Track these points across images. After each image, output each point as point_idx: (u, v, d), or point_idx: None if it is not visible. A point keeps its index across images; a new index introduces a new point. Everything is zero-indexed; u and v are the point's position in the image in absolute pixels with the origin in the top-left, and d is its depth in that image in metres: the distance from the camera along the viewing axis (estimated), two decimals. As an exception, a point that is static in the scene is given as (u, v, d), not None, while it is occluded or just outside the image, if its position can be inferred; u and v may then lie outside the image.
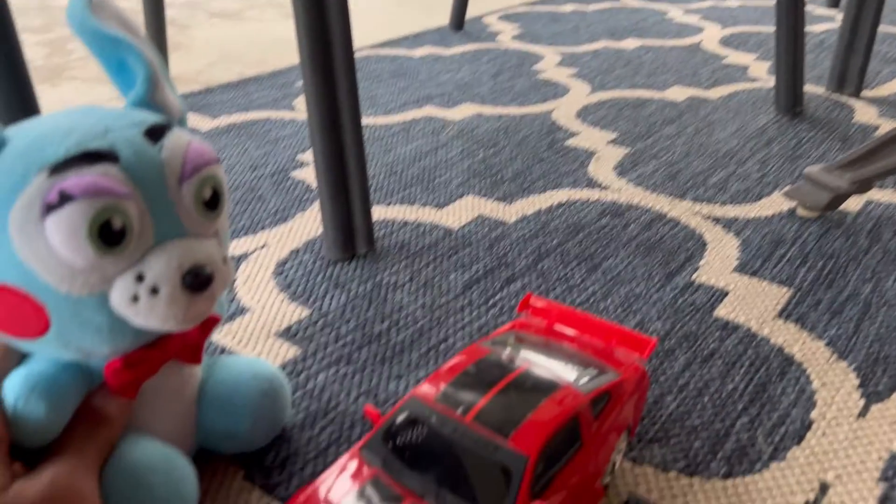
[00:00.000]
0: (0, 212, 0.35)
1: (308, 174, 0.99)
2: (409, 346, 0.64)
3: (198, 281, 0.39)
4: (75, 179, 0.35)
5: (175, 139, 0.40)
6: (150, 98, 0.42)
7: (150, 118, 0.40)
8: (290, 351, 0.63)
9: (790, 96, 1.20)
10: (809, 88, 1.32)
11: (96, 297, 0.37)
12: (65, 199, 0.34)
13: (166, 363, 0.44)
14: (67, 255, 0.35)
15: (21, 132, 0.38)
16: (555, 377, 0.46)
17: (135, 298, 0.38)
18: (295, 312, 0.69)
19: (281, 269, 0.77)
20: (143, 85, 0.42)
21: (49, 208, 0.34)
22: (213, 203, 0.41)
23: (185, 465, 0.44)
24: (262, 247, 0.81)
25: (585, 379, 0.46)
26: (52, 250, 0.35)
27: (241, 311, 0.69)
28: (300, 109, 1.23)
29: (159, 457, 0.42)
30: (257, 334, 0.66)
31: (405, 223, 0.86)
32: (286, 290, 0.73)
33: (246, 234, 0.83)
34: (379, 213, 0.88)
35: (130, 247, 0.37)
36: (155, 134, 0.39)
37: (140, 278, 0.38)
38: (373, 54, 1.54)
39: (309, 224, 0.86)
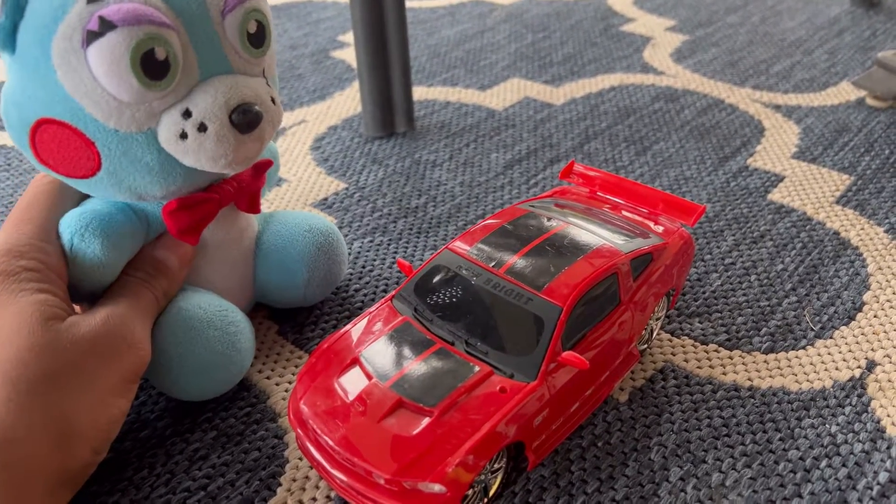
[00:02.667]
0: (42, 42, 0.34)
1: (348, 54, 0.96)
2: (445, 221, 0.63)
3: (246, 119, 0.38)
4: (115, 6, 0.33)
5: None
6: None
7: None
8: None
9: (868, -15, 1.11)
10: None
11: (144, 133, 0.37)
12: (105, 26, 0.33)
13: (223, 209, 0.44)
14: (111, 86, 0.34)
15: None
16: (594, 237, 0.44)
17: (182, 135, 0.37)
18: (332, 185, 0.68)
19: (318, 145, 0.75)
20: None
21: (90, 36, 0.33)
22: (258, 38, 0.39)
23: (242, 319, 0.44)
24: (300, 122, 0.79)
25: (626, 241, 0.44)
26: (96, 82, 0.34)
27: (279, 181, 0.69)
28: (343, -7, 1.19)
29: (217, 311, 0.42)
30: (293, 204, 0.65)
31: (447, 103, 0.83)
32: (323, 164, 0.72)
33: (284, 111, 0.82)
34: (420, 93, 0.85)
35: (175, 80, 0.36)
36: None
37: (187, 114, 0.37)
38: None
39: (348, 102, 0.84)
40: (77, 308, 0.41)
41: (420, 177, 0.69)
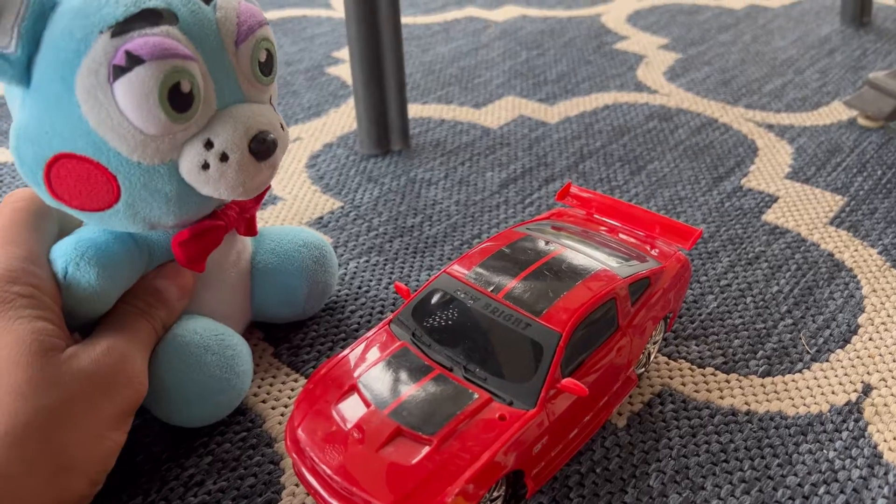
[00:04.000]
0: (64, 77, 0.34)
1: (343, 71, 0.96)
2: (441, 240, 0.63)
3: (263, 147, 0.38)
4: (140, 41, 0.33)
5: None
6: None
7: None
8: (321, 238, 0.63)
9: (857, 5, 1.12)
10: (879, -2, 1.23)
11: (167, 165, 0.37)
12: (133, 61, 0.33)
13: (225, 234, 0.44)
14: (139, 120, 0.34)
15: None
16: (591, 262, 0.44)
17: (205, 166, 0.37)
18: (327, 203, 0.68)
19: (314, 162, 0.75)
20: None
21: (117, 71, 0.33)
22: (268, 66, 0.40)
23: (240, 342, 0.44)
24: (295, 140, 0.79)
25: (624, 265, 0.45)
26: (122, 116, 0.34)
27: (273, 199, 0.68)
28: (336, 7, 1.19)
29: (213, 336, 0.42)
30: (289, 223, 0.65)
31: (442, 121, 0.83)
32: (318, 182, 0.71)
33: (280, 127, 0.82)
34: (415, 111, 0.85)
35: (199, 111, 0.36)
36: None
37: (209, 145, 0.37)
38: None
39: (343, 119, 0.84)
40: (74, 335, 0.40)
41: (415, 195, 0.69)
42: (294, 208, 0.67)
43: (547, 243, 0.45)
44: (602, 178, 0.72)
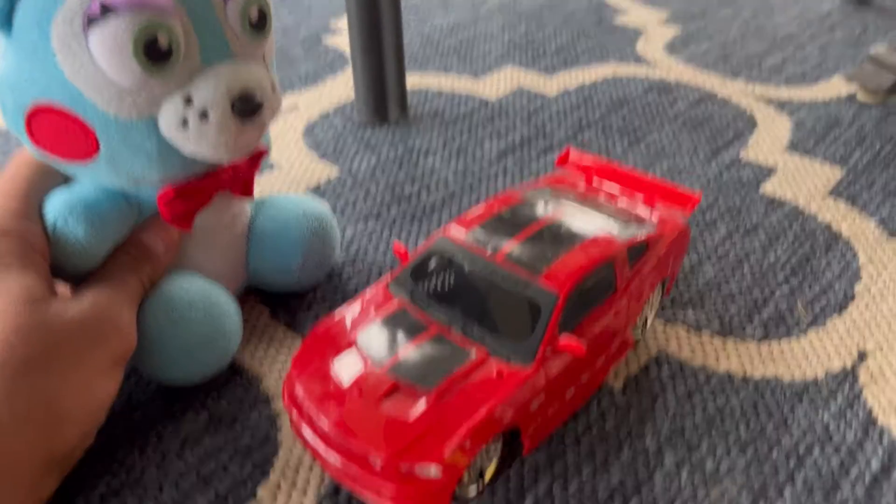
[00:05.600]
0: (41, 24, 0.33)
1: (341, 40, 0.95)
2: (439, 208, 0.62)
3: (248, 107, 0.37)
4: None
5: None
6: None
7: None
8: (318, 205, 0.62)
9: (859, -18, 1.11)
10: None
11: (145, 120, 0.36)
12: (107, 10, 0.32)
13: (217, 195, 0.43)
14: (113, 71, 0.34)
15: None
16: (590, 225, 0.44)
17: (184, 123, 0.36)
18: (324, 171, 0.67)
19: (311, 131, 0.74)
20: None
21: (92, 21, 0.32)
22: (260, 23, 0.39)
23: (228, 301, 0.44)
24: (292, 108, 0.79)
25: (623, 228, 0.44)
26: (96, 67, 0.33)
27: (270, 167, 0.68)
28: (335, -21, 1.18)
29: (200, 293, 0.42)
30: (285, 190, 0.65)
31: (440, 92, 0.83)
32: (316, 150, 0.71)
33: (276, 96, 0.81)
34: (413, 81, 0.85)
35: (178, 66, 0.35)
36: None
37: (188, 101, 0.36)
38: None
39: (340, 89, 0.83)
40: (61, 287, 0.40)
41: (413, 164, 0.69)
42: (291, 176, 0.67)
43: (545, 206, 0.45)
44: (600, 148, 0.71)
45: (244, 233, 0.48)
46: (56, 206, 0.39)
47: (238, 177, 0.44)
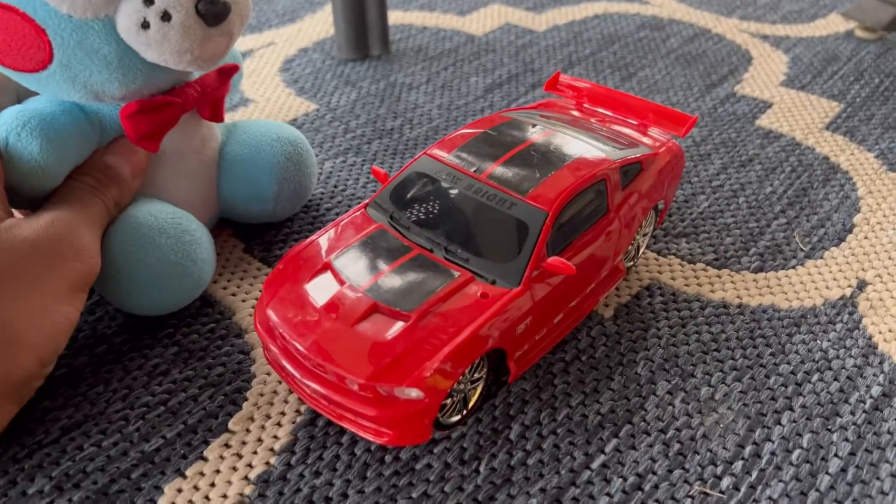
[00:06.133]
0: None
1: (321, -23, 0.91)
2: (422, 142, 0.60)
3: (213, 10, 0.34)
4: None
5: None
6: None
7: None
8: (295, 139, 0.59)
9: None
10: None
11: (101, 21, 0.33)
12: None
13: (184, 116, 0.40)
14: None
15: None
16: (581, 144, 0.41)
17: (144, 25, 0.33)
18: (301, 106, 0.64)
19: (288, 66, 0.71)
20: None
21: None
22: None
23: (199, 228, 0.41)
24: (269, 45, 0.75)
25: (615, 149, 0.42)
26: None
27: (245, 102, 0.65)
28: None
29: (170, 219, 0.39)
30: (262, 124, 0.62)
31: (424, 28, 0.79)
32: (293, 86, 0.68)
33: (251, 34, 0.77)
34: (396, 17, 0.81)
35: None
36: None
37: (149, 0, 0.33)
38: None
39: (319, 25, 0.79)
40: (16, 213, 0.37)
41: (395, 99, 0.66)
42: (266, 110, 0.63)
43: (534, 126, 0.43)
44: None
45: (214, 159, 0.45)
46: (8, 121, 0.36)
47: (206, 95, 0.41)
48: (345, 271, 0.35)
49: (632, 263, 0.45)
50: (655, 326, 0.42)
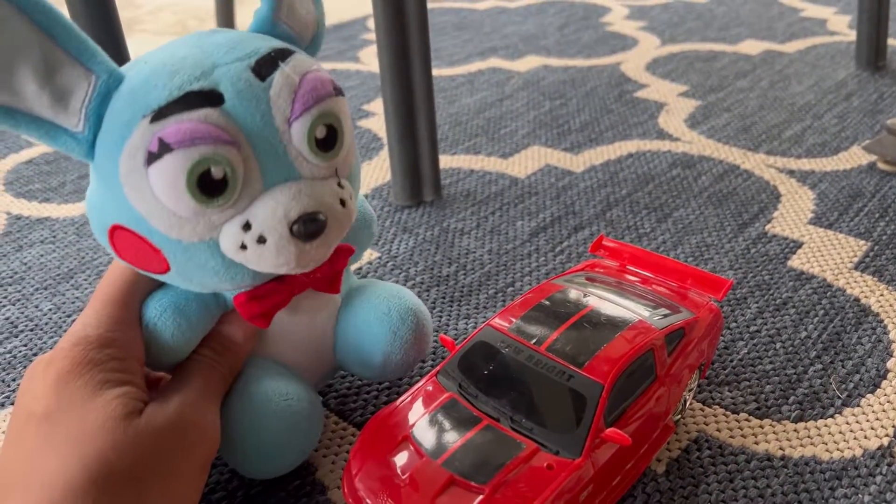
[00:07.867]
0: (111, 157, 0.35)
1: (374, 123, 1.00)
2: (476, 289, 0.65)
3: (307, 230, 0.37)
4: (174, 128, 0.34)
5: (287, 73, 0.37)
6: (275, 16, 0.40)
7: (268, 44, 0.38)
8: (361, 289, 0.65)
9: (872, 50, 1.15)
10: (894, 42, 1.25)
11: (206, 243, 0.37)
12: (164, 148, 0.34)
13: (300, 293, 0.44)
14: (170, 204, 0.35)
15: (135, 69, 0.37)
16: (628, 313, 0.46)
17: (242, 246, 0.37)
18: (366, 254, 0.71)
19: (350, 214, 0.78)
20: (266, 3, 0.39)
21: (151, 157, 0.34)
22: (328, 142, 0.38)
23: (307, 407, 0.44)
24: (332, 192, 0.82)
25: (659, 316, 0.47)
26: (156, 199, 0.35)
27: (314, 251, 0.71)
28: (365, 61, 1.24)
29: (282, 400, 0.42)
30: (329, 273, 0.68)
31: (471, 172, 0.86)
32: (356, 233, 0.74)
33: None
34: (444, 161, 0.89)
35: (234, 195, 0.36)
36: (267, 65, 0.37)
37: (247, 227, 0.36)
38: (436, 7, 1.53)
39: (376, 171, 0.87)
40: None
41: (449, 245, 0.72)
42: (333, 259, 0.70)
43: (584, 295, 0.48)
44: (629, 225, 0.74)
45: (330, 324, 0.48)
46: (149, 308, 0.41)
47: (318, 278, 0.44)
48: (422, 443, 0.40)
49: (679, 416, 0.49)
50: (705, 482, 0.45)
